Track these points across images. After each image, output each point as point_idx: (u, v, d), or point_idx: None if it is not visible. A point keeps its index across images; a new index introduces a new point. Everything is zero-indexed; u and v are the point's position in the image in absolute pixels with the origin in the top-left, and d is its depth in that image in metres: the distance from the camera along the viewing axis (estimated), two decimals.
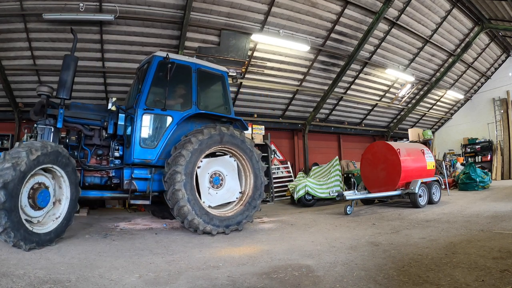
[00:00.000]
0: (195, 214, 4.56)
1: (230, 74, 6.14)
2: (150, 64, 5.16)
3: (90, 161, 4.93)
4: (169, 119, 5.11)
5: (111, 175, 5.00)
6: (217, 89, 6.08)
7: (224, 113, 5.72)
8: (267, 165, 5.56)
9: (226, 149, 5.26)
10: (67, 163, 4.00)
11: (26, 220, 3.60)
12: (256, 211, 5.33)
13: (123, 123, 4.95)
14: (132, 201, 4.88)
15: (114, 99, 4.90)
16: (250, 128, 11.10)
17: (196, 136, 4.76)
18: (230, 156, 5.36)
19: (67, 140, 4.76)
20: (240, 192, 5.37)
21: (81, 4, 7.27)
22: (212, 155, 5.32)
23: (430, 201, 7.62)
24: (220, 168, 5.26)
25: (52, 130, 4.52)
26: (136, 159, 4.82)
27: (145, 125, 4.95)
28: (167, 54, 4.98)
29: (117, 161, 5.00)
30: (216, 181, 5.19)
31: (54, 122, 4.52)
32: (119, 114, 4.94)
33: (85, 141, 4.89)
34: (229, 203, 5.33)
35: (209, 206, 4.97)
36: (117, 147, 5.01)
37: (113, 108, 4.88)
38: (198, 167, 4.95)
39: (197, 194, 4.74)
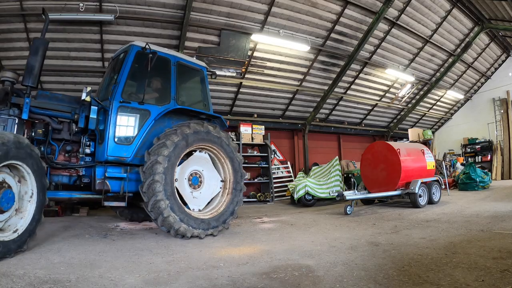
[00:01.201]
0: (180, 221, 4.31)
1: (209, 70, 5.84)
2: (127, 54, 4.79)
3: (58, 157, 4.42)
4: (146, 114, 4.75)
5: (81, 173, 4.54)
6: (196, 85, 5.77)
7: (203, 109, 5.38)
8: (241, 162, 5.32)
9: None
10: (30, 154, 3.47)
11: None
12: (243, 192, 5.24)
13: (95, 117, 4.46)
14: (105, 203, 4.42)
15: (88, 88, 4.49)
16: (250, 128, 11.13)
17: (171, 139, 4.48)
18: (199, 151, 5.05)
19: (33, 134, 4.23)
20: (221, 181, 5.16)
21: (81, 4, 7.27)
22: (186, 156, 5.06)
23: (430, 201, 7.62)
24: (195, 167, 4.97)
25: (17, 121, 4.02)
26: (109, 157, 4.41)
27: (121, 119, 4.54)
28: (147, 44, 4.67)
29: (88, 159, 4.56)
30: (195, 181, 4.93)
31: (19, 112, 4.04)
32: (92, 107, 4.44)
33: (52, 135, 4.37)
34: (215, 197, 5.16)
35: (199, 210, 4.85)
36: (88, 143, 4.53)
37: (88, 98, 4.41)
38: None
39: (179, 199, 4.50)
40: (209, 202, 5.12)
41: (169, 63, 5.10)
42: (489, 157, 15.46)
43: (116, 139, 4.47)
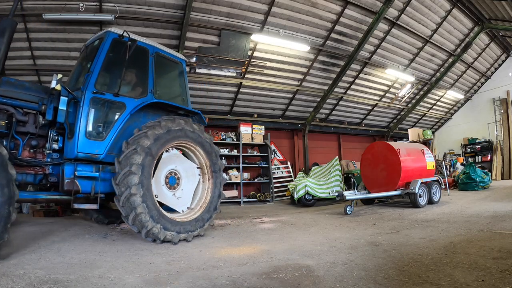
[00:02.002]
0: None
1: (188, 63, 5.50)
2: (102, 41, 4.39)
3: (22, 153, 3.91)
4: (121, 107, 4.36)
5: (47, 172, 4.06)
6: (174, 78, 5.43)
7: (181, 104, 5.06)
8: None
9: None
10: None
11: None
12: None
13: (65, 108, 3.97)
14: (75, 205, 3.98)
15: (59, 75, 4.07)
16: (250, 128, 11.13)
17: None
18: (197, 167, 4.93)
19: None
20: (198, 167, 4.93)
21: (81, 4, 7.27)
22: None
23: (430, 201, 7.63)
24: (169, 167, 4.65)
25: None
26: (80, 153, 3.98)
27: (93, 112, 4.14)
28: (125, 31, 4.34)
29: (55, 155, 4.10)
30: (173, 181, 4.64)
31: None
32: (61, 97, 3.96)
33: (16, 128, 3.84)
34: (198, 185, 4.94)
35: (188, 208, 4.72)
36: (56, 137, 4.08)
37: (58, 87, 3.99)
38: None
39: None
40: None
41: (147, 54, 4.76)
42: (489, 157, 15.46)
43: (87, 134, 4.06)
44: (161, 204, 4.43)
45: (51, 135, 4.05)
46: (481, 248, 3.43)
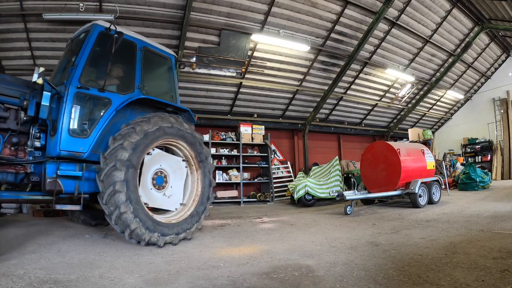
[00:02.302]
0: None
1: (178, 59, 5.38)
2: (88, 34, 4.22)
3: (3, 151, 3.70)
4: (107, 103, 4.17)
5: (29, 171, 3.83)
6: (163, 74, 5.27)
7: (170, 101, 4.91)
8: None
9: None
10: None
11: None
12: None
13: (48, 104, 3.79)
14: (57, 206, 3.77)
15: (41, 69, 3.93)
16: (250, 128, 11.13)
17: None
18: (183, 160, 4.74)
19: None
20: (183, 160, 4.75)
21: (81, 4, 7.28)
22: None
23: (430, 201, 7.63)
24: (154, 167, 4.45)
25: None
26: (62, 151, 3.78)
27: (77, 108, 3.95)
28: (112, 24, 4.20)
29: (37, 153, 3.86)
30: (160, 180, 4.45)
31: None
32: (44, 92, 3.78)
33: None
34: (187, 179, 4.79)
35: (181, 204, 4.59)
36: (38, 134, 3.86)
37: (40, 81, 3.81)
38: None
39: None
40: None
41: (135, 48, 4.60)
42: (489, 157, 15.46)
43: (70, 131, 3.86)
44: (155, 209, 4.36)
45: (33, 132, 3.83)
46: (481, 248, 3.43)
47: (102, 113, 4.15)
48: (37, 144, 3.85)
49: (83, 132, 4.02)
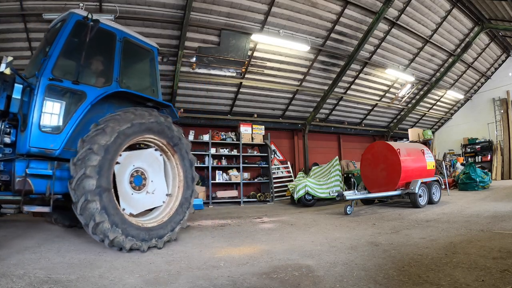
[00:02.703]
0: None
1: (160, 52, 5.17)
2: (64, 23, 3.96)
3: None
4: (81, 97, 3.91)
5: None
6: (144, 67, 5.02)
7: (151, 95, 4.65)
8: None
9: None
10: None
11: None
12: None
13: (19, 97, 3.54)
14: (25, 208, 3.46)
15: (10, 58, 3.68)
16: (250, 128, 11.13)
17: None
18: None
19: None
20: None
21: (81, 4, 7.27)
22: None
23: (430, 201, 7.62)
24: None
25: None
26: (32, 148, 3.52)
27: (49, 102, 3.69)
28: (89, 13, 3.93)
29: (8, 150, 3.59)
30: (138, 181, 4.15)
31: None
32: (15, 84, 3.55)
33: None
34: (166, 168, 4.51)
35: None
36: (8, 130, 3.59)
37: (7, 71, 3.56)
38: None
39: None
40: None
41: (114, 39, 4.35)
42: (489, 157, 15.46)
43: (41, 126, 3.59)
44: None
45: (3, 127, 3.57)
46: (481, 248, 3.43)
47: (76, 107, 3.86)
48: (7, 140, 3.59)
49: (55, 127, 3.73)
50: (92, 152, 3.50)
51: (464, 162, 14.24)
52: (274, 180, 11.40)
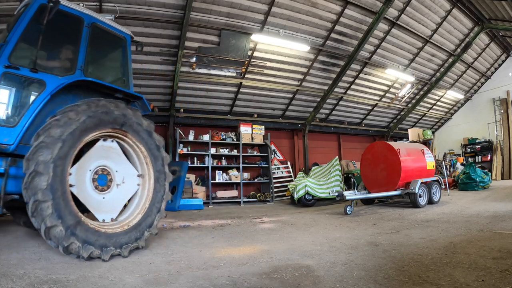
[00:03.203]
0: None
1: (134, 39, 4.83)
2: (27, 7, 3.67)
3: None
4: (40, 86, 3.55)
5: None
6: (115, 56, 4.65)
7: (122, 87, 4.30)
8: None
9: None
10: None
11: None
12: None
13: None
14: None
15: None
16: (250, 128, 11.14)
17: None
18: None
19: None
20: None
21: (81, 4, 7.27)
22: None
23: (430, 201, 7.63)
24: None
25: None
26: None
27: (3, 91, 3.40)
28: None
29: None
30: (102, 181, 3.70)
31: None
32: None
33: None
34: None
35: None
36: None
37: None
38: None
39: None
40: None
41: (82, 24, 3.99)
42: (489, 157, 15.46)
43: None
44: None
45: None
46: (481, 248, 3.43)
47: (34, 98, 3.50)
48: None
49: (9, 120, 3.37)
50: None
51: (464, 162, 14.24)
52: (274, 180, 11.41)
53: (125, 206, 4.03)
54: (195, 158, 10.51)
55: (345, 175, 11.08)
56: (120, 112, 3.77)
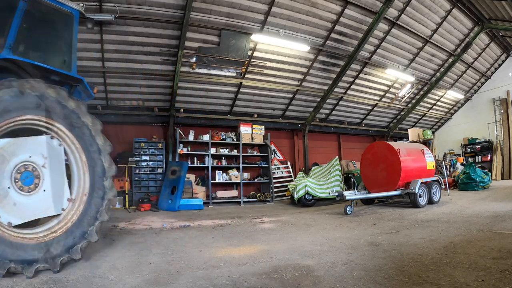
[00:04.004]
0: None
1: (83, 15, 4.27)
2: None
3: None
4: None
5: None
6: (59, 34, 4.08)
7: (61, 68, 3.73)
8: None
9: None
10: None
11: None
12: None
13: None
14: None
15: None
16: (250, 128, 11.14)
17: None
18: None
19: None
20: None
21: (81, 4, 7.24)
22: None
23: (430, 201, 7.62)
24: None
25: None
26: None
27: None
28: None
29: None
30: (28, 179, 3.10)
31: None
32: None
33: None
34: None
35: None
36: None
37: None
38: None
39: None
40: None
41: None
42: (489, 157, 15.46)
43: None
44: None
45: None
46: (481, 248, 3.43)
47: None
48: None
49: None
50: None
51: (464, 162, 14.25)
52: (274, 180, 11.40)
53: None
54: (195, 158, 10.51)
55: (345, 175, 11.07)
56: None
